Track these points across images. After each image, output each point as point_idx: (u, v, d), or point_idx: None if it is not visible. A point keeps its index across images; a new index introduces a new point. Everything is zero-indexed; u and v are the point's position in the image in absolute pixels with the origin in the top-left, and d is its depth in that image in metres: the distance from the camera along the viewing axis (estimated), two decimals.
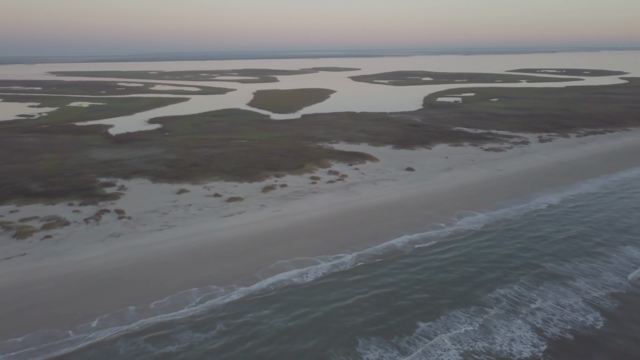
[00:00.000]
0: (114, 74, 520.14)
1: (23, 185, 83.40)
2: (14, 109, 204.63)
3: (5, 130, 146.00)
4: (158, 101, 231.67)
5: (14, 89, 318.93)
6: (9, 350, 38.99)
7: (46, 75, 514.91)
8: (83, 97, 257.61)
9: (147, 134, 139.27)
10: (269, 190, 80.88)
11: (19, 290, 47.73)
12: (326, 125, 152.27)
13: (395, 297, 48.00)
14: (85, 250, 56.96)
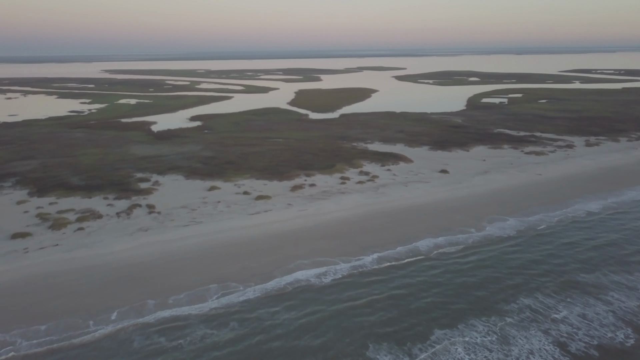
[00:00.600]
0: (163, 72, 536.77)
1: (65, 179, 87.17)
2: (67, 105, 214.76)
3: (56, 125, 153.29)
4: (201, 99, 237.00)
5: (69, 86, 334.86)
6: (32, 337, 40.72)
7: (100, 73, 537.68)
8: (131, 94, 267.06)
9: (187, 131, 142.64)
10: (297, 190, 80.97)
11: (48, 279, 49.82)
12: (363, 125, 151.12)
13: (413, 302, 46.91)
14: (113, 244, 58.83)
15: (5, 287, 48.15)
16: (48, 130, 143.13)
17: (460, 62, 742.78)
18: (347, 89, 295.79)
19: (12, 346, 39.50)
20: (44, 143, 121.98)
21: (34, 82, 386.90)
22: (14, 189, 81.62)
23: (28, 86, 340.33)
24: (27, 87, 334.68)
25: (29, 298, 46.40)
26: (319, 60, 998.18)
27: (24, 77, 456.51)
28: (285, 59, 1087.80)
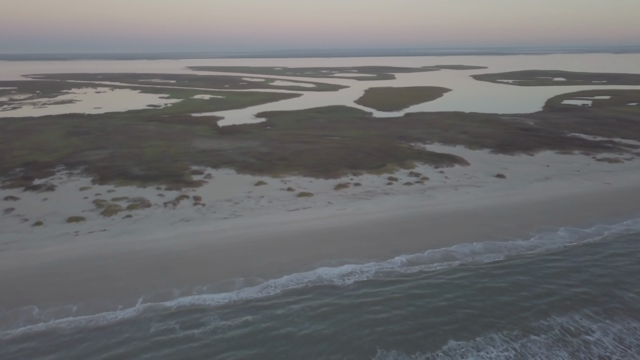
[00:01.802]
0: (242, 69, 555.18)
1: (127, 168, 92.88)
2: (147, 99, 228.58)
3: (132, 118, 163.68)
4: (271, 96, 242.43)
5: (153, 82, 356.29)
6: (63, 315, 43.85)
7: (184, 70, 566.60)
8: (207, 90, 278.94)
9: (250, 127, 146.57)
10: (340, 188, 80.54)
11: (88, 262, 53.37)
12: (427, 125, 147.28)
13: (433, 309, 45.11)
14: (154, 232, 61.85)
15: (51, 266, 52.20)
16: (124, 122, 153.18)
17: (549, 61, 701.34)
18: (419, 87, 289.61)
19: (44, 322, 42.73)
20: (117, 134, 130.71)
21: (123, 77, 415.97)
22: (81, 175, 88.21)
23: (117, 81, 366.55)
24: (117, 82, 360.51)
25: (68, 278, 49.99)
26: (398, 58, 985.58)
27: (116, 73, 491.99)
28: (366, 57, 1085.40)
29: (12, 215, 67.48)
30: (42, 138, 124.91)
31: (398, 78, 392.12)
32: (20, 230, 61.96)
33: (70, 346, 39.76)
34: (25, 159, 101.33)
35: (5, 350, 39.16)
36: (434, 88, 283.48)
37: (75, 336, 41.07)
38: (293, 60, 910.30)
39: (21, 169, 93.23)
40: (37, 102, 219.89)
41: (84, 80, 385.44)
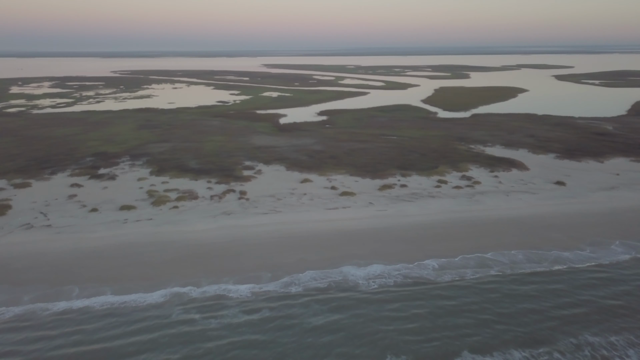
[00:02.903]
0: (315, 67, 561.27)
1: (184, 162, 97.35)
2: (218, 96, 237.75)
3: (200, 113, 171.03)
4: (337, 94, 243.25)
5: (227, 79, 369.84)
6: (98, 296, 46.96)
7: (259, 67, 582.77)
8: (277, 87, 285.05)
9: (310, 125, 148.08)
10: (385, 189, 79.41)
11: (129, 248, 56.72)
12: (492, 127, 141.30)
13: (455, 318, 43.55)
14: (196, 223, 64.45)
15: (96, 250, 56.06)
16: (192, 117, 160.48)
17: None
18: (492, 87, 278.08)
19: (80, 302, 46.03)
20: (182, 129, 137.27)
21: (200, 74, 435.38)
22: (142, 167, 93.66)
23: (195, 78, 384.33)
24: (194, 78, 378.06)
25: (109, 262, 53.44)
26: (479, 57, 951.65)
27: (194, 70, 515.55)
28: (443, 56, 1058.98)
29: (74, 201, 73.06)
30: (115, 130, 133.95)
31: (473, 77, 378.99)
32: (77, 215, 66.99)
33: (97, 325, 42.63)
34: (96, 149, 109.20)
35: (43, 325, 42.63)
36: (509, 88, 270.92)
37: (104, 316, 43.95)
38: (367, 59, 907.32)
39: (91, 158, 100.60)
40: (118, 96, 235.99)
41: (165, 76, 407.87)
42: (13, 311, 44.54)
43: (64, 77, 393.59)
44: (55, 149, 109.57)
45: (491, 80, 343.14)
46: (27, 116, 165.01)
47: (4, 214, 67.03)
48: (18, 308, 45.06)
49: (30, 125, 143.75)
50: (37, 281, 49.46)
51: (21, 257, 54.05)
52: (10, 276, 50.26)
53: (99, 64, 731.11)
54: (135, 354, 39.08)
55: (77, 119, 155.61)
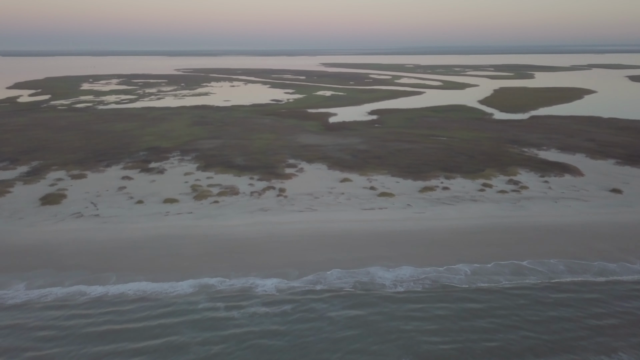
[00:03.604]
0: (373, 66, 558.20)
1: (231, 158, 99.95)
2: (273, 94, 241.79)
3: (252, 111, 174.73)
4: (392, 94, 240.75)
5: (284, 77, 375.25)
6: (133, 282, 49.30)
7: (317, 66, 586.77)
8: (331, 86, 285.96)
9: (358, 124, 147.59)
10: (426, 191, 77.84)
11: (167, 240, 59.06)
12: (549, 130, 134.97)
13: (480, 326, 42.17)
14: (233, 218, 66.09)
15: (136, 241, 58.81)
16: (244, 115, 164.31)
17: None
18: (556, 88, 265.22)
19: (116, 288, 48.49)
20: (234, 126, 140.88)
21: (259, 72, 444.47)
22: (190, 162, 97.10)
23: (253, 76, 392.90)
24: (252, 76, 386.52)
25: (146, 252, 55.94)
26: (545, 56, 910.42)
27: (253, 68, 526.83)
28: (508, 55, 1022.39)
29: (122, 193, 76.92)
30: (170, 126, 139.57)
31: (537, 78, 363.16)
32: (124, 207, 70.50)
33: (128, 309, 45.04)
34: (150, 144, 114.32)
35: (80, 307, 45.32)
36: (574, 89, 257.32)
37: (136, 301, 46.27)
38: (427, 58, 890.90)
39: (144, 152, 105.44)
40: (178, 93, 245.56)
41: (224, 74, 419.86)
42: (55, 293, 47.64)
43: (131, 74, 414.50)
44: (113, 142, 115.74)
45: (557, 80, 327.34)
46: (93, 111, 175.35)
47: (59, 202, 71.67)
48: (60, 291, 48.14)
49: (94, 120, 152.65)
50: (79, 267, 52.60)
51: (68, 244, 57.65)
52: (56, 261, 53.75)
53: (165, 62, 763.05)
54: (159, 336, 41.21)
55: (136, 115, 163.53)
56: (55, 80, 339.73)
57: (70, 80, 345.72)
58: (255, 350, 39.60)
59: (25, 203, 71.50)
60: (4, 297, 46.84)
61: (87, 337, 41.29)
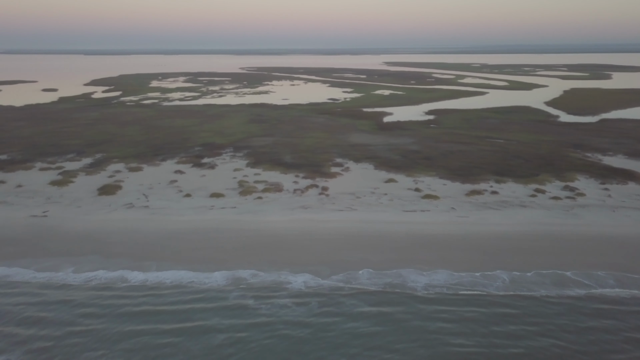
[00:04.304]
0: (438, 66, 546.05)
1: (280, 156, 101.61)
2: (331, 93, 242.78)
3: (308, 110, 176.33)
4: (452, 93, 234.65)
5: (345, 76, 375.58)
6: (169, 273, 51.48)
7: (379, 65, 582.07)
8: (391, 85, 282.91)
9: (413, 124, 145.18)
10: (472, 195, 75.42)
11: (208, 233, 61.18)
12: (619, 134, 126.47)
13: (511, 338, 40.52)
14: (273, 214, 67.29)
15: (179, 232, 61.37)
16: (299, 113, 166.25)
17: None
18: (635, 90, 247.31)
19: (155, 274, 50.85)
20: (288, 124, 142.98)
21: (320, 71, 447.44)
22: (241, 158, 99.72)
23: (314, 75, 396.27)
24: (313, 75, 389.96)
25: (187, 244, 58.25)
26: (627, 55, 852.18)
27: (315, 67, 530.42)
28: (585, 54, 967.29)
29: (173, 186, 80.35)
30: (227, 123, 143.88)
31: (615, 78, 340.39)
32: (173, 199, 73.65)
33: (164, 294, 47.47)
34: (206, 140, 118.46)
35: (120, 290, 47.99)
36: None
37: (171, 288, 48.60)
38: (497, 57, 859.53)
39: (199, 148, 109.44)
40: (239, 91, 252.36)
41: (286, 73, 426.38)
42: (100, 278, 50.79)
43: (197, 72, 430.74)
44: (171, 138, 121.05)
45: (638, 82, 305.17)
46: (158, 108, 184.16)
47: (114, 193, 76.04)
48: (105, 275, 51.26)
49: (157, 116, 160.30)
50: (124, 255, 55.67)
51: (116, 233, 61.16)
52: (105, 248, 57.17)
53: (232, 61, 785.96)
54: (190, 320, 43.69)
55: (197, 112, 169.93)
56: (128, 78, 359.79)
57: (141, 77, 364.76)
58: (277, 339, 40.84)
59: (85, 192, 76.49)
60: (54, 278, 50.55)
61: (124, 317, 44.14)
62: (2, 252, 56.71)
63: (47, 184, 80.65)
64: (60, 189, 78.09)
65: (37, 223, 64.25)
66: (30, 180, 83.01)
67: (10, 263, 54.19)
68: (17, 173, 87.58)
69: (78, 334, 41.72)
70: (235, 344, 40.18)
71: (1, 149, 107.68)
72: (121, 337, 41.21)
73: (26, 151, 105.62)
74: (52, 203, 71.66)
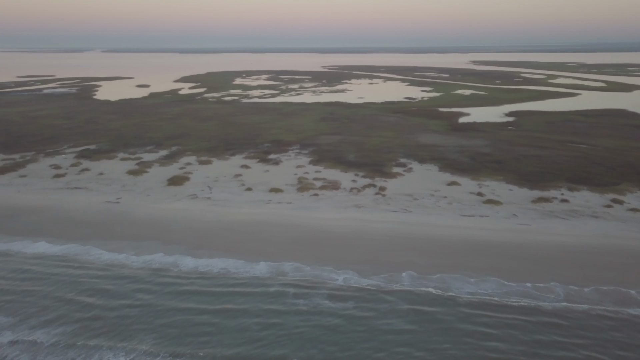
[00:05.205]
0: (528, 65, 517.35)
1: (343, 154, 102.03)
2: (408, 92, 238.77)
3: (381, 109, 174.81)
4: (539, 94, 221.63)
5: (427, 75, 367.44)
6: (217, 257, 53.86)
7: (465, 64, 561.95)
8: (473, 85, 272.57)
9: (489, 125, 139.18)
10: (539, 202, 71.14)
11: (260, 226, 63.17)
12: None
13: (547, 344, 38.32)
14: (325, 212, 67.95)
15: (234, 224, 63.95)
16: (371, 112, 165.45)
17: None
18: None
19: (205, 262, 53.49)
20: (358, 123, 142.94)
21: (401, 70, 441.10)
22: (305, 155, 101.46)
23: (395, 73, 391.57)
24: (394, 74, 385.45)
25: (239, 235, 60.58)
26: None
27: (397, 66, 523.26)
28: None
29: (237, 179, 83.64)
30: (299, 121, 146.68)
31: None
32: (234, 193, 76.73)
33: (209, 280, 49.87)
34: (276, 136, 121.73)
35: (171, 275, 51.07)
36: None
37: (217, 277, 51.13)
38: (598, 55, 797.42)
39: (268, 144, 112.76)
40: (317, 90, 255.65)
41: (367, 71, 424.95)
42: (156, 262, 54.34)
43: (279, 71, 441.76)
44: (244, 133, 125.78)
45: None
46: (236, 104, 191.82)
47: (182, 184, 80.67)
48: (161, 259, 54.79)
49: (235, 112, 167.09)
50: (181, 242, 59.08)
51: (178, 221, 64.93)
52: (165, 235, 61.00)
53: (315, 59, 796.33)
54: (228, 302, 46.23)
55: (273, 109, 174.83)
56: (215, 75, 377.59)
57: (226, 75, 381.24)
58: (309, 328, 42.15)
59: (156, 182, 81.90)
60: (116, 259, 54.95)
61: (171, 295, 47.69)
62: (79, 232, 62.39)
63: (125, 173, 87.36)
64: (135, 178, 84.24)
65: (110, 208, 69.86)
66: (111, 168, 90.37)
67: (84, 242, 59.55)
68: (101, 162, 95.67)
69: (129, 307, 45.77)
70: (268, 329, 42.06)
71: (92, 140, 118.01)
72: (165, 313, 44.60)
73: (112, 142, 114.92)
74: (126, 191, 77.55)
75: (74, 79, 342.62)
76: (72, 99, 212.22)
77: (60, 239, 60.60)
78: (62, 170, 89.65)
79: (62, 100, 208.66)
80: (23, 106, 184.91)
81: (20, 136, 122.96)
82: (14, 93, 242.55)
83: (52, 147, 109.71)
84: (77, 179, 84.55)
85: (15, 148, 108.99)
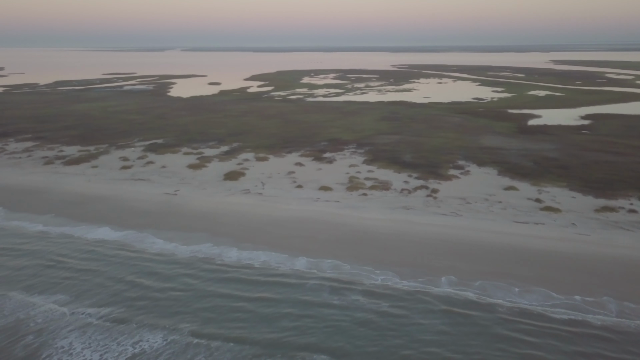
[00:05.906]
0: (616, 64, 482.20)
1: (399, 154, 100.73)
2: (478, 92, 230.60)
3: (446, 109, 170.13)
4: (621, 96, 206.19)
5: (500, 75, 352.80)
6: (260, 251, 55.26)
7: (544, 64, 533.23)
8: (550, 85, 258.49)
9: (560, 128, 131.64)
10: (604, 211, 66.54)
11: (306, 223, 63.94)
12: None
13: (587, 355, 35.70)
14: (372, 212, 67.59)
15: (280, 220, 65.32)
16: (435, 112, 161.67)
17: None
18: None
19: (249, 254, 55.06)
20: (419, 123, 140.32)
21: (473, 69, 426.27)
22: (360, 155, 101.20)
23: (466, 73, 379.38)
24: (465, 73, 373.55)
25: (283, 231, 61.92)
26: None
27: (469, 65, 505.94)
28: None
29: (290, 177, 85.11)
30: (359, 120, 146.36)
31: None
32: (285, 189, 78.19)
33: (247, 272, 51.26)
34: (334, 135, 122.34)
35: (214, 265, 53.04)
36: None
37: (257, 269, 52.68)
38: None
39: (325, 143, 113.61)
40: (383, 89, 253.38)
41: (437, 71, 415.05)
42: (203, 252, 56.72)
43: (348, 70, 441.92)
44: (303, 132, 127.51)
45: None
46: (300, 103, 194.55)
47: (237, 179, 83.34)
48: (207, 250, 57.21)
49: (297, 110, 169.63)
50: (229, 235, 61.24)
51: (228, 215, 67.32)
52: (214, 227, 63.48)
53: (385, 58, 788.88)
54: (265, 291, 48.27)
55: (335, 108, 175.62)
56: (284, 74, 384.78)
57: (295, 74, 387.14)
58: (341, 322, 42.90)
59: (212, 177, 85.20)
60: (166, 247, 58.06)
61: (212, 282, 50.30)
62: (137, 221, 66.38)
63: (185, 166, 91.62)
64: (194, 172, 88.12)
65: (168, 200, 73.64)
66: (173, 162, 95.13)
67: (141, 230, 63.38)
68: (166, 155, 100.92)
69: (172, 289, 48.89)
70: (300, 319, 43.24)
71: (160, 134, 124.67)
72: (204, 297, 47.21)
73: (178, 137, 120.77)
74: (184, 184, 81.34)
75: (152, 76, 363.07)
76: (148, 96, 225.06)
77: (120, 226, 64.82)
78: (129, 162, 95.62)
79: (139, 96, 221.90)
80: (104, 101, 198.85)
81: (97, 129, 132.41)
82: (97, 89, 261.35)
83: (124, 141, 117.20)
84: (142, 170, 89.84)
85: (92, 140, 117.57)
